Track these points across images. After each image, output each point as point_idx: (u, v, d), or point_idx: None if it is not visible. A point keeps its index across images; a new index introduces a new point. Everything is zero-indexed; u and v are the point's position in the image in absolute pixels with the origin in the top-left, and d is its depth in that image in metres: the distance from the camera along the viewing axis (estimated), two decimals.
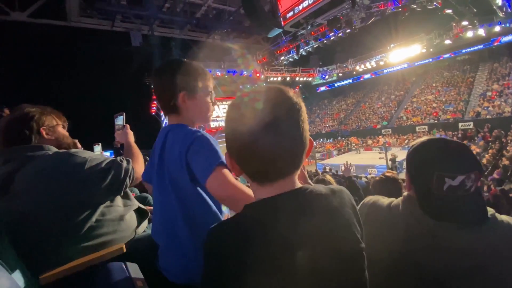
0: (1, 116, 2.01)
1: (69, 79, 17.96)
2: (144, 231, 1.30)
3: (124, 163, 1.12)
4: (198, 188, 0.90)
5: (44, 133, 1.11)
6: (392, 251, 0.75)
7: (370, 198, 0.93)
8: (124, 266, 0.86)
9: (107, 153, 10.72)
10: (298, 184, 0.58)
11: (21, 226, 0.93)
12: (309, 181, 1.13)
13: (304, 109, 0.55)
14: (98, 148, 2.81)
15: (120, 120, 1.42)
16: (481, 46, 19.70)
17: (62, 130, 1.19)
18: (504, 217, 0.71)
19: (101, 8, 13.73)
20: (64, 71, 19.05)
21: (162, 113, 24.08)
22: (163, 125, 24.16)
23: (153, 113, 24.78)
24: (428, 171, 0.70)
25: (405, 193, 0.82)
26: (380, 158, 14.47)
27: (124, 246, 1.01)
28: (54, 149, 1.08)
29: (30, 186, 0.96)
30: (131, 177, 1.13)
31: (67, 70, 19.12)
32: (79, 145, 1.34)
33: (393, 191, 1.99)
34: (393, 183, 2.08)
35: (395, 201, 0.84)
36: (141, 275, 0.83)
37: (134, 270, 0.85)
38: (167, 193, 0.93)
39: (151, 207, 1.36)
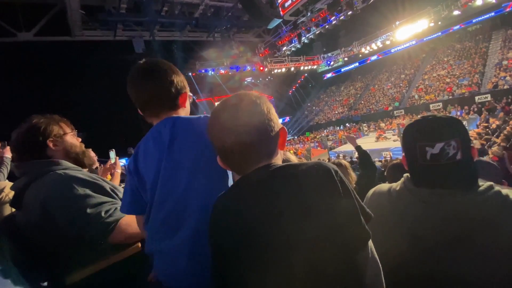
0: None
1: (79, 92, 18.46)
2: None
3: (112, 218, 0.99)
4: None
5: (51, 144, 1.09)
6: (394, 227, 0.78)
7: (372, 190, 0.94)
8: None
9: (122, 160, 11.01)
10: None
11: (39, 235, 0.99)
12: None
13: (255, 108, 0.63)
14: (112, 154, 2.89)
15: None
16: (493, 14, 18.75)
17: (70, 139, 1.17)
18: (506, 190, 0.70)
19: (102, 19, 13.98)
20: (74, 84, 19.61)
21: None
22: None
23: None
24: (412, 144, 0.76)
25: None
26: (394, 141, 14.17)
27: (140, 244, 1.06)
28: (65, 164, 1.08)
29: (31, 208, 0.99)
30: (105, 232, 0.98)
31: (76, 83, 19.68)
32: (91, 153, 1.38)
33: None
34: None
35: (395, 184, 0.87)
36: None
37: None
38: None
39: None
